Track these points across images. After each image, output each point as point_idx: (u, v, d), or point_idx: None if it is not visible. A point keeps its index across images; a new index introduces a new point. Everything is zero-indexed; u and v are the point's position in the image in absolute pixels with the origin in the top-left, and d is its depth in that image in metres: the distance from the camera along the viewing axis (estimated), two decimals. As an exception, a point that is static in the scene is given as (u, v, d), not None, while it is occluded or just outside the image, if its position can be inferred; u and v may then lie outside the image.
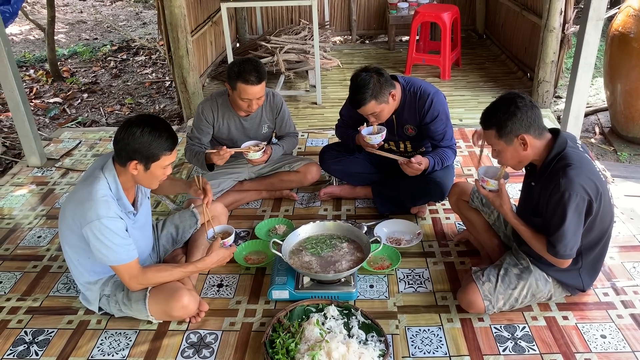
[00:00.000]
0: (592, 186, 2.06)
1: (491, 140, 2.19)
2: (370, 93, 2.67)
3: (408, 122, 2.94)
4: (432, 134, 2.91)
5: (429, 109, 2.84)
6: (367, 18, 6.78)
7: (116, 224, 2.14)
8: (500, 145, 2.17)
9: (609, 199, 2.21)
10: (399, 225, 3.01)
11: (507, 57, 5.76)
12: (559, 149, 2.13)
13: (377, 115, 2.78)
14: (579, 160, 2.09)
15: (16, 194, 3.58)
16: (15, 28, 8.60)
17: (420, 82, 2.91)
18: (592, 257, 2.28)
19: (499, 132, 2.13)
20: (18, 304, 2.57)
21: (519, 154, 2.16)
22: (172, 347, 2.29)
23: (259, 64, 2.87)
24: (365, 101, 2.69)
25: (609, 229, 2.25)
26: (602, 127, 4.67)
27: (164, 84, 6.20)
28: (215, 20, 5.72)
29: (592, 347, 2.21)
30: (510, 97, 2.14)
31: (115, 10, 10.08)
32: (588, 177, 2.07)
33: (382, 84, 2.70)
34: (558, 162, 2.11)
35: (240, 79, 2.80)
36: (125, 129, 2.11)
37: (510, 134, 2.11)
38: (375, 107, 2.72)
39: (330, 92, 5.16)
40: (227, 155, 2.84)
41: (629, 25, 4.03)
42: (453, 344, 2.25)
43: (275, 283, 2.47)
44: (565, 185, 2.04)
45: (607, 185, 2.19)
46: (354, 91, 2.71)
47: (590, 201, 2.06)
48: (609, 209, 2.20)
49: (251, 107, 2.91)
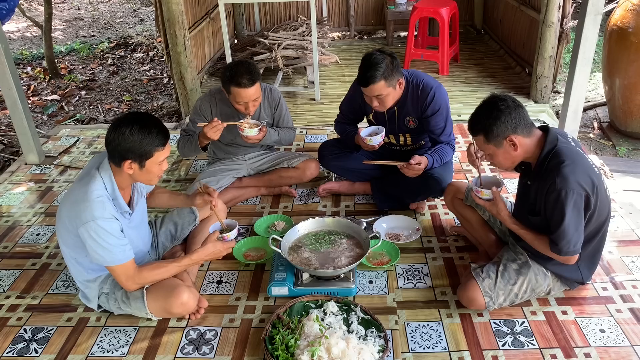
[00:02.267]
0: (587, 181, 2.07)
1: (481, 146, 2.22)
2: (381, 72, 2.64)
3: (409, 114, 2.94)
4: (432, 127, 2.91)
5: (431, 102, 2.84)
6: (365, 14, 6.77)
7: (111, 224, 2.13)
8: (491, 149, 2.19)
9: (605, 191, 2.21)
10: (398, 221, 3.01)
11: (505, 53, 5.75)
12: (550, 146, 2.14)
13: (381, 100, 2.75)
14: (572, 155, 2.10)
15: (14, 191, 3.57)
16: (12, 25, 8.58)
17: (424, 75, 2.91)
18: (590, 249, 2.29)
19: (487, 137, 2.16)
20: (17, 301, 2.57)
21: (510, 155, 2.18)
22: (172, 343, 2.29)
23: (251, 65, 2.84)
24: (375, 79, 2.65)
25: (606, 221, 2.26)
26: (600, 122, 4.67)
27: (162, 81, 6.19)
28: (213, 16, 5.71)
29: (591, 342, 2.22)
30: (492, 101, 2.16)
31: (112, 7, 10.04)
32: (583, 172, 2.08)
33: (394, 68, 2.69)
34: (551, 160, 2.12)
35: (233, 83, 2.78)
36: (114, 129, 2.09)
37: (498, 137, 2.13)
38: (383, 89, 2.69)
39: (328, 88, 5.15)
40: (220, 126, 2.78)
41: (628, 19, 4.03)
42: (452, 339, 2.25)
43: (274, 279, 2.47)
44: (560, 183, 2.04)
45: (601, 178, 2.19)
46: (366, 69, 2.67)
47: (588, 196, 2.07)
48: (605, 201, 2.21)
49: (248, 110, 2.90)
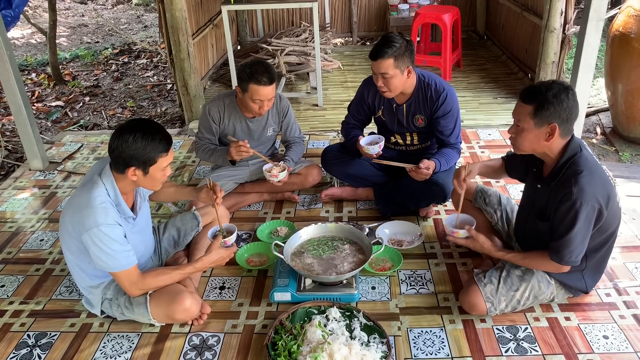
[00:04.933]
0: (603, 194, 2.05)
1: (522, 116, 2.10)
2: (394, 50, 2.69)
3: (419, 112, 2.96)
4: (442, 128, 2.93)
5: (443, 102, 2.87)
6: (367, 20, 6.79)
7: (115, 230, 2.14)
8: (529, 125, 2.08)
9: (617, 202, 2.19)
10: (400, 226, 3.00)
11: (507, 58, 5.76)
12: (571, 153, 2.10)
13: (386, 81, 2.77)
14: (590, 167, 2.07)
15: (18, 197, 3.59)
16: (17, 32, 8.63)
17: (436, 76, 2.96)
18: (597, 259, 2.28)
19: (537, 111, 2.05)
20: (21, 307, 2.58)
21: (539, 141, 2.10)
22: (175, 349, 2.29)
23: (270, 66, 2.90)
24: (385, 55, 2.69)
25: (615, 231, 2.24)
26: (603, 128, 4.67)
27: (166, 87, 6.21)
28: (216, 23, 5.74)
29: (594, 348, 2.21)
30: (565, 86, 2.06)
31: (116, 13, 10.10)
32: (600, 184, 2.05)
33: (407, 52, 2.73)
34: (570, 168, 2.08)
35: (253, 80, 2.82)
36: (117, 136, 2.10)
37: (546, 118, 2.04)
38: (390, 68, 2.72)
39: (331, 94, 5.17)
40: (244, 149, 2.87)
41: (630, 25, 4.03)
42: (455, 346, 2.25)
43: (277, 285, 2.47)
44: (577, 193, 2.01)
45: (615, 189, 2.17)
46: (380, 43, 2.73)
47: (601, 209, 2.05)
48: (616, 212, 2.19)
49: (262, 109, 2.93)
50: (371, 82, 3.07)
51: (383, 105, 3.06)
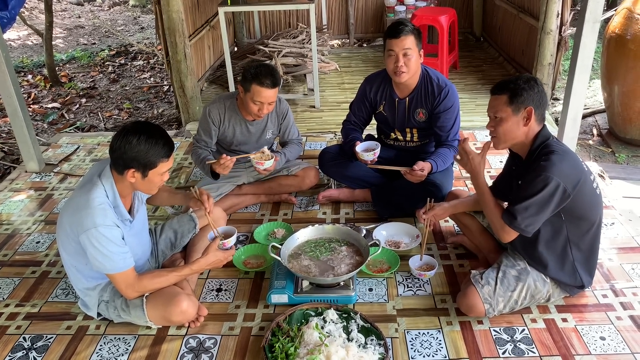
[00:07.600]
0: (572, 175, 2.12)
1: (498, 107, 2.21)
2: (412, 28, 2.81)
3: (421, 106, 2.99)
4: (441, 123, 2.96)
5: (445, 98, 2.92)
6: (364, 21, 6.80)
7: (112, 232, 2.13)
8: (507, 113, 2.19)
9: (594, 189, 2.25)
10: (397, 228, 3.00)
11: (504, 60, 5.78)
12: (543, 139, 2.22)
13: (408, 59, 2.82)
14: (564, 149, 2.19)
15: (14, 199, 3.58)
16: (13, 33, 8.61)
17: (439, 73, 3.03)
18: (584, 248, 2.30)
19: (512, 98, 2.17)
20: (17, 309, 2.56)
21: (518, 128, 2.20)
22: (171, 352, 2.28)
23: (276, 70, 2.92)
24: (407, 32, 2.78)
25: (598, 221, 2.28)
26: (599, 129, 4.68)
27: (162, 89, 6.20)
28: (213, 24, 5.73)
29: (591, 349, 2.21)
30: (529, 76, 2.23)
31: (113, 15, 10.09)
32: (571, 165, 2.14)
33: (419, 35, 2.85)
34: (542, 149, 2.19)
35: (256, 81, 2.82)
36: (121, 137, 2.10)
37: (521, 104, 2.16)
38: (412, 44, 2.80)
39: (328, 96, 5.17)
40: (229, 163, 2.85)
41: (626, 27, 4.04)
42: (452, 347, 2.25)
43: (274, 287, 2.47)
44: (547, 167, 2.10)
45: (590, 176, 2.23)
46: (396, 23, 2.82)
47: (566, 189, 2.10)
48: (594, 199, 2.24)
49: (262, 112, 2.92)
50: (373, 79, 3.09)
51: (385, 100, 3.07)
